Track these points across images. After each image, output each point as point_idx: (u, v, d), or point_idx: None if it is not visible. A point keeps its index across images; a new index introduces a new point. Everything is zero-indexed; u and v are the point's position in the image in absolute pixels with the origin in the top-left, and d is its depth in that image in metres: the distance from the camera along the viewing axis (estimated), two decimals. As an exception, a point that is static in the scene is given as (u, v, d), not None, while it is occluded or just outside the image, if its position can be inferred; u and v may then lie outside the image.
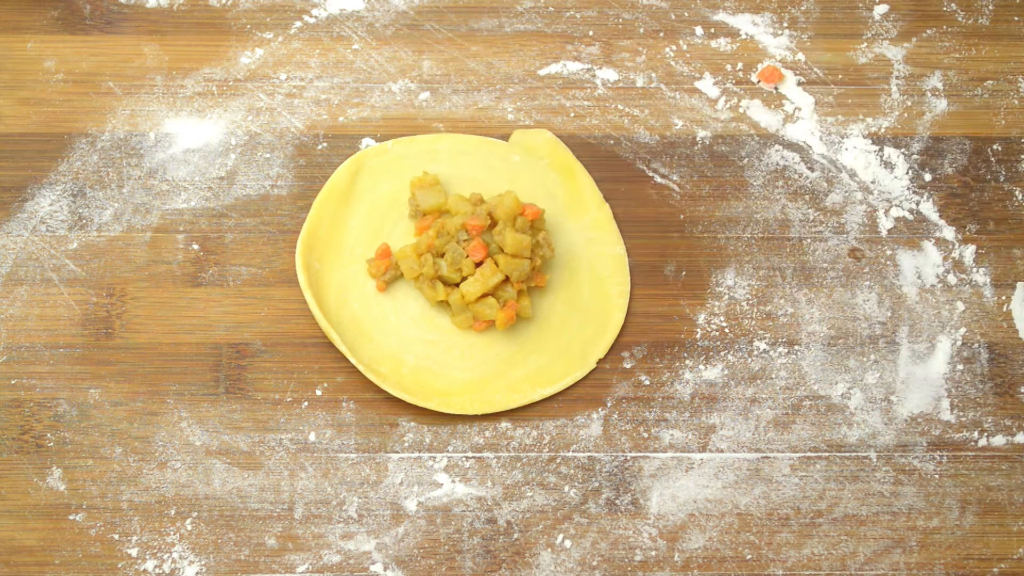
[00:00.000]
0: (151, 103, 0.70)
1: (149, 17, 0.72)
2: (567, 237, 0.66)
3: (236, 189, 0.67)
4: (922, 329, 0.65)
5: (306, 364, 0.63)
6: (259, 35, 0.72)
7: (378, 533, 0.60)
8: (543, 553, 0.60)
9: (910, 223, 0.68)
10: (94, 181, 0.68)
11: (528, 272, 0.62)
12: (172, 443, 0.61)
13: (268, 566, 0.59)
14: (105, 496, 0.60)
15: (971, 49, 0.73)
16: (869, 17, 0.73)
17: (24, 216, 0.66)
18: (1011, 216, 0.68)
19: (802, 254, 0.67)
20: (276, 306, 0.65)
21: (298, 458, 0.61)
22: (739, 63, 0.72)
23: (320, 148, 0.69)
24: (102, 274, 0.65)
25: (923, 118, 0.70)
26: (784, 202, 0.68)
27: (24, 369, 0.63)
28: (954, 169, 0.69)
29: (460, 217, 0.62)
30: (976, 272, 0.66)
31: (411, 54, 0.71)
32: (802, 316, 0.65)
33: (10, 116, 0.69)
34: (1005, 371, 0.64)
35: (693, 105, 0.71)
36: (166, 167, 0.68)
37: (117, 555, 0.59)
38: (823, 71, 0.72)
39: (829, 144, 0.70)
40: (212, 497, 0.60)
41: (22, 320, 0.64)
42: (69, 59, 0.71)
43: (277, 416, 0.62)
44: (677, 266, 0.66)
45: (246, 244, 0.66)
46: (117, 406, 0.62)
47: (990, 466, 0.62)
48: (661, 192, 0.68)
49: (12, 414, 0.62)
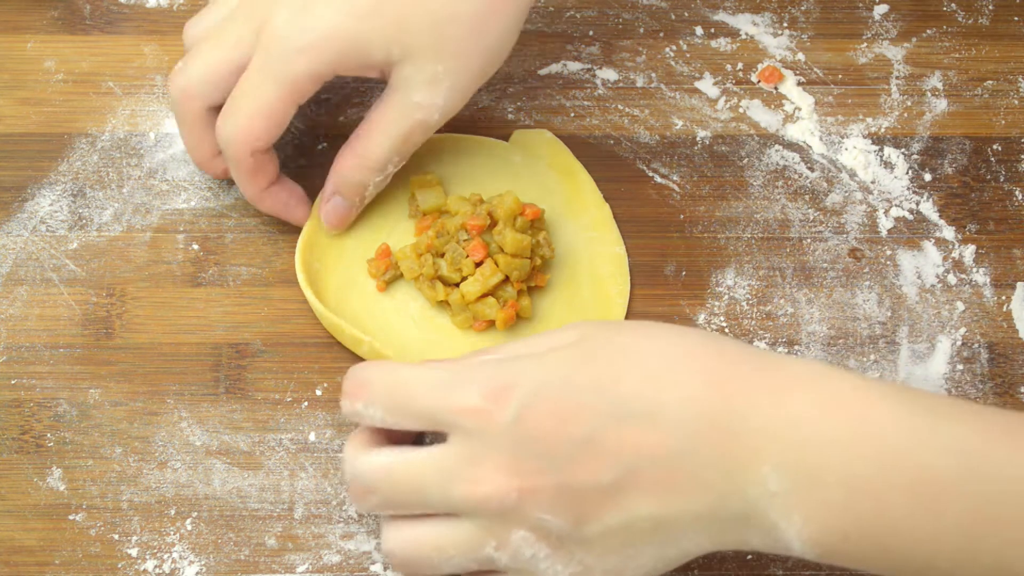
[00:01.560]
0: (151, 103, 0.70)
1: (149, 17, 0.72)
2: (567, 237, 0.66)
3: (236, 189, 0.67)
4: (922, 329, 0.65)
5: (306, 364, 0.63)
6: (259, 35, 0.72)
7: (378, 533, 0.60)
8: (543, 553, 0.60)
9: (910, 223, 0.68)
10: (94, 181, 0.68)
11: (528, 272, 0.62)
12: (172, 443, 0.61)
13: (268, 566, 0.59)
14: (105, 496, 0.60)
15: (971, 49, 0.73)
16: (869, 17, 0.73)
17: (24, 216, 0.66)
18: (1011, 216, 0.68)
19: (802, 254, 0.67)
20: (276, 306, 0.65)
21: (298, 458, 0.61)
22: (739, 63, 0.72)
23: (320, 148, 0.69)
24: (102, 274, 0.65)
25: (923, 118, 0.70)
26: (784, 202, 0.68)
27: (24, 369, 0.63)
28: (954, 169, 0.69)
29: (460, 217, 0.62)
30: (976, 272, 0.66)
31: (411, 54, 0.71)
32: (802, 316, 0.65)
33: (10, 116, 0.69)
34: (1005, 371, 0.64)
35: (693, 105, 0.71)
36: (166, 167, 0.68)
37: (117, 555, 0.59)
38: (823, 71, 0.72)
39: (829, 144, 0.70)
40: (212, 497, 0.60)
41: (22, 320, 0.64)
42: (69, 59, 0.71)
43: (277, 416, 0.62)
44: (677, 266, 0.66)
45: (246, 244, 0.66)
46: (117, 406, 0.62)
47: (990, 466, 0.62)
48: (661, 192, 0.68)
49: (12, 414, 0.62)
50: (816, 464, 0.47)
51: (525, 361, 0.51)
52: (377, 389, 0.53)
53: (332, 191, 0.64)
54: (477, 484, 0.49)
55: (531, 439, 0.49)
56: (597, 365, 0.50)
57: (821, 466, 0.47)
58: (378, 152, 0.62)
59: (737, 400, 0.48)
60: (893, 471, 0.46)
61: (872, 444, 0.47)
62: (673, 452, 0.48)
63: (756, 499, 0.48)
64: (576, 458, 0.48)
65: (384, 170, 0.63)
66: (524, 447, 0.49)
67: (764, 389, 0.48)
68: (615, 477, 0.48)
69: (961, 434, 0.47)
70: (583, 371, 0.49)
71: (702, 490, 0.48)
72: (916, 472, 0.46)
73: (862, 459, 0.47)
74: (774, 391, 0.48)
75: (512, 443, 0.49)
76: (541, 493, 0.49)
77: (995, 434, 0.47)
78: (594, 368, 0.50)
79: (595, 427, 0.48)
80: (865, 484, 0.47)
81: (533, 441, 0.49)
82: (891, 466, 0.47)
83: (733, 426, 0.48)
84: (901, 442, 0.47)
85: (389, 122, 0.61)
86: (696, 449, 0.48)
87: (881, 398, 0.48)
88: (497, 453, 0.49)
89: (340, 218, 0.64)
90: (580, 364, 0.50)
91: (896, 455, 0.47)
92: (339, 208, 0.64)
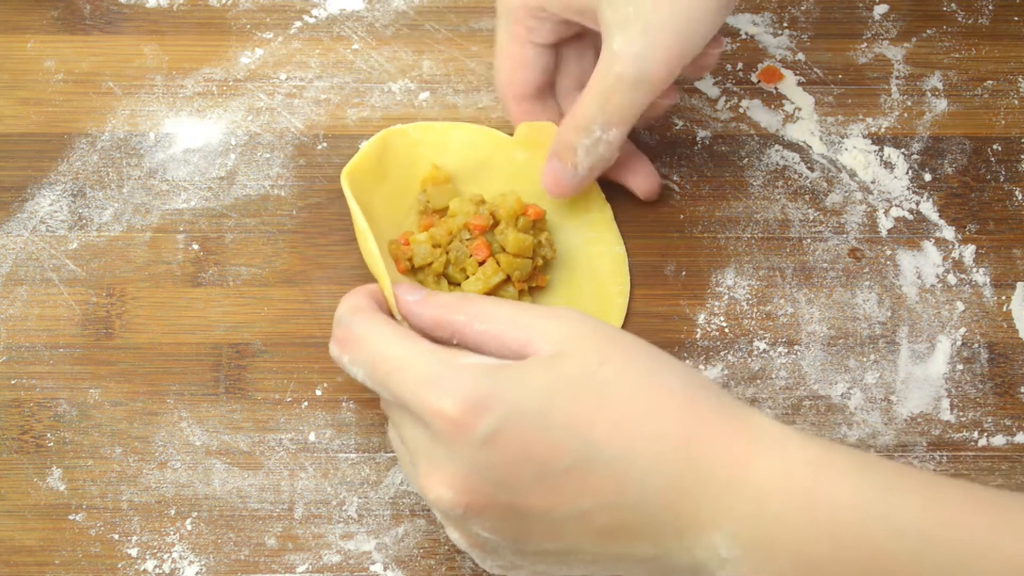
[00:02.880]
0: (151, 103, 0.70)
1: (149, 17, 0.72)
2: (567, 237, 0.66)
3: (236, 189, 0.67)
4: (922, 329, 0.65)
5: (306, 364, 0.63)
6: (259, 35, 0.72)
7: (378, 533, 0.60)
8: (543, 553, 0.60)
9: (910, 223, 0.68)
10: (94, 181, 0.68)
11: (530, 272, 0.62)
12: (172, 443, 0.61)
13: (268, 566, 0.59)
14: (105, 496, 0.60)
15: (971, 49, 0.73)
16: (869, 17, 0.73)
17: (24, 216, 0.66)
18: (1011, 216, 0.68)
19: (802, 254, 0.67)
20: (276, 306, 0.65)
21: (298, 458, 0.61)
22: (739, 63, 0.72)
23: (320, 148, 0.69)
24: (102, 274, 0.65)
25: (923, 118, 0.70)
26: (784, 202, 0.68)
27: (24, 369, 0.63)
28: (954, 169, 0.69)
29: (463, 217, 0.62)
30: (976, 272, 0.66)
31: (411, 54, 0.71)
32: (802, 316, 0.65)
33: (10, 116, 0.69)
34: (1005, 371, 0.64)
35: (693, 105, 0.71)
36: (166, 167, 0.68)
37: (117, 555, 0.59)
38: (823, 71, 0.72)
39: (829, 144, 0.70)
40: (212, 497, 0.60)
41: (22, 320, 0.64)
42: (69, 59, 0.71)
43: (277, 416, 0.62)
44: (677, 266, 0.66)
45: (246, 244, 0.66)
46: (117, 406, 0.62)
47: (990, 466, 0.62)
48: (661, 192, 0.68)
49: (12, 414, 0.62)
50: (768, 537, 0.47)
51: (504, 377, 0.49)
52: (365, 353, 0.52)
53: (550, 154, 0.62)
54: (430, 484, 0.50)
55: (493, 464, 0.48)
56: (576, 403, 0.49)
57: (773, 540, 0.47)
58: (581, 110, 0.60)
59: (702, 463, 0.48)
60: (845, 550, 0.46)
61: (823, 522, 0.46)
62: (630, 503, 0.48)
63: (705, 560, 0.48)
64: (533, 490, 0.48)
65: (591, 132, 0.60)
66: (484, 469, 0.48)
67: (727, 455, 0.48)
68: (567, 515, 0.48)
69: (915, 513, 0.46)
70: (560, 407, 0.49)
71: (650, 541, 0.48)
72: (868, 552, 0.46)
73: (812, 537, 0.46)
74: (737, 458, 0.48)
75: (473, 462, 0.48)
76: (487, 512, 0.49)
77: (951, 513, 0.46)
78: (572, 406, 0.49)
79: (560, 468, 0.48)
80: (817, 562, 0.46)
81: (494, 466, 0.48)
82: (843, 546, 0.46)
83: (693, 490, 0.47)
84: (855, 522, 0.46)
85: (593, 77, 0.59)
86: (653, 504, 0.48)
87: (838, 474, 0.48)
88: (455, 466, 0.49)
89: (555, 182, 0.62)
90: (559, 397, 0.49)
91: (849, 536, 0.46)
92: (555, 171, 0.62)
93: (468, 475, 0.49)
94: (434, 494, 0.49)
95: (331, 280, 0.65)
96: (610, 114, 0.59)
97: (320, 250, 0.66)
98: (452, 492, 0.49)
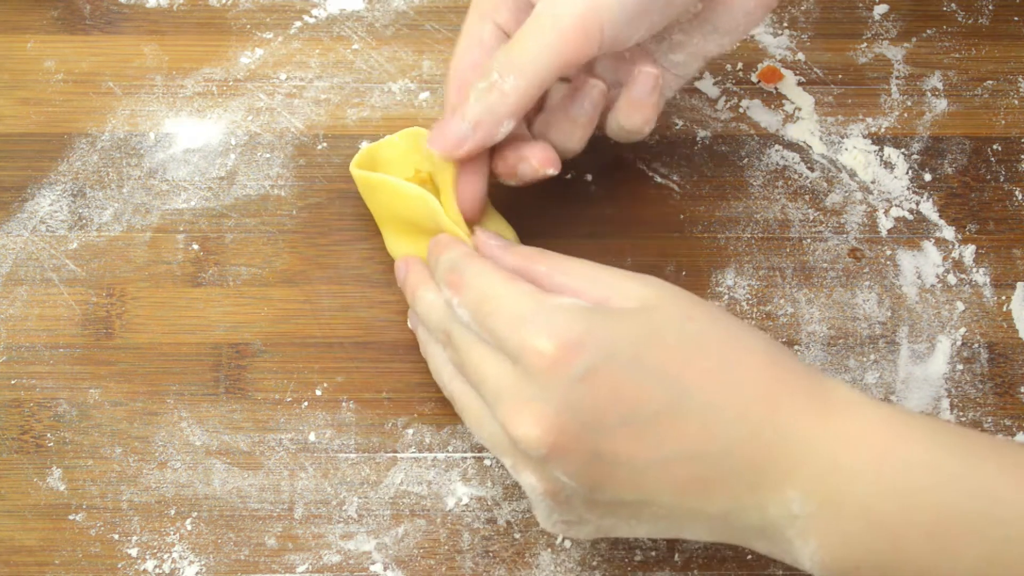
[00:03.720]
0: (151, 103, 0.70)
1: (149, 17, 0.72)
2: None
3: (236, 189, 0.67)
4: (922, 329, 0.65)
5: (306, 364, 0.63)
6: (259, 35, 0.72)
7: (378, 533, 0.60)
8: (543, 553, 0.60)
9: (910, 223, 0.68)
10: (94, 181, 0.68)
11: None
12: (172, 443, 0.61)
13: (268, 566, 0.59)
14: (105, 496, 0.60)
15: (971, 49, 0.73)
16: (869, 17, 0.73)
17: (24, 216, 0.67)
18: (1011, 216, 0.68)
19: (802, 254, 0.67)
20: (276, 306, 0.65)
21: (298, 458, 0.61)
22: (739, 63, 0.72)
23: (320, 148, 0.69)
24: (102, 274, 0.65)
25: (923, 118, 0.70)
26: (784, 202, 0.68)
27: (24, 369, 0.63)
28: (954, 169, 0.69)
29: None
30: (976, 272, 0.66)
31: (411, 54, 0.71)
32: (802, 316, 0.65)
33: (10, 116, 0.69)
34: (1005, 371, 0.64)
35: (693, 105, 0.71)
36: (166, 167, 0.68)
37: (117, 555, 0.59)
38: (823, 71, 0.72)
39: (829, 144, 0.70)
40: (212, 497, 0.60)
41: (22, 320, 0.64)
42: (69, 59, 0.71)
43: (277, 416, 0.62)
44: (677, 266, 0.66)
45: (246, 244, 0.66)
46: (117, 406, 0.62)
47: (990, 466, 0.62)
48: (661, 192, 0.68)
49: (12, 414, 0.62)
50: (839, 493, 0.47)
51: (598, 319, 0.49)
52: (472, 293, 0.52)
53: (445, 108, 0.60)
54: (518, 422, 0.49)
55: (584, 403, 0.48)
56: (666, 350, 0.49)
57: (844, 496, 0.47)
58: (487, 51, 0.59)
59: (782, 418, 0.48)
60: (914, 510, 0.46)
61: (896, 480, 0.47)
62: (711, 452, 0.48)
63: (776, 517, 0.48)
64: (619, 434, 0.48)
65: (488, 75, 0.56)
66: (575, 409, 0.48)
67: (807, 411, 0.48)
68: (649, 462, 0.48)
69: (986, 476, 0.47)
70: (652, 353, 0.49)
71: (724, 496, 0.48)
72: (937, 512, 0.46)
73: (884, 494, 0.47)
74: (815, 415, 0.48)
75: (565, 400, 0.48)
76: (572, 454, 0.49)
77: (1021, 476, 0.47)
78: (663, 353, 0.49)
79: (649, 411, 0.48)
80: (884, 519, 0.47)
81: (585, 406, 0.48)
82: (912, 505, 0.46)
83: (773, 444, 0.48)
84: (925, 480, 0.47)
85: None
86: (734, 456, 0.48)
87: (912, 435, 0.48)
88: (546, 403, 0.48)
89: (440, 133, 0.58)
90: (650, 344, 0.49)
91: (918, 494, 0.47)
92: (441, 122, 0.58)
93: (559, 413, 0.48)
94: (521, 430, 0.49)
95: (331, 280, 0.65)
96: (513, 56, 0.55)
97: (320, 250, 0.66)
98: (540, 430, 0.48)
